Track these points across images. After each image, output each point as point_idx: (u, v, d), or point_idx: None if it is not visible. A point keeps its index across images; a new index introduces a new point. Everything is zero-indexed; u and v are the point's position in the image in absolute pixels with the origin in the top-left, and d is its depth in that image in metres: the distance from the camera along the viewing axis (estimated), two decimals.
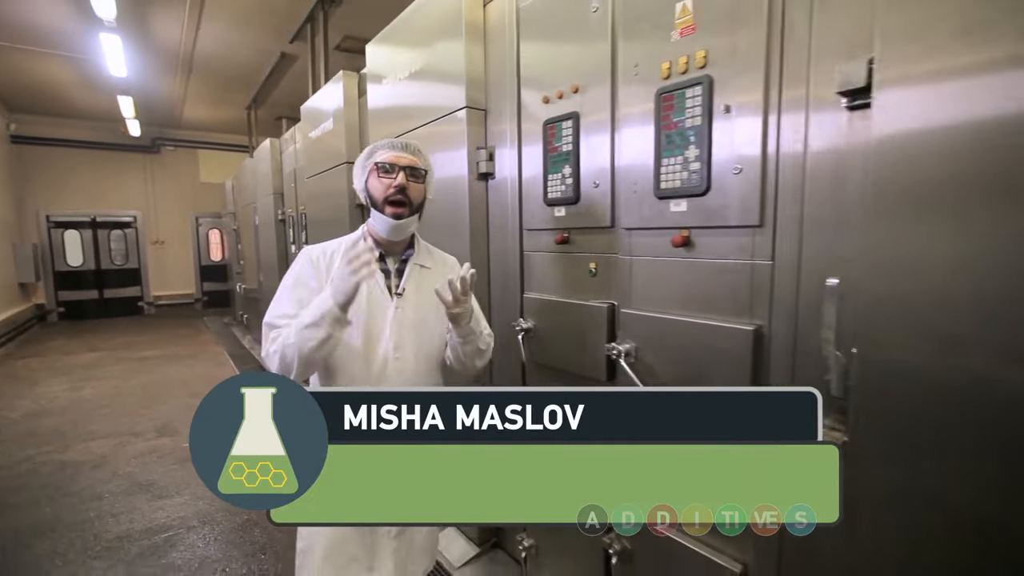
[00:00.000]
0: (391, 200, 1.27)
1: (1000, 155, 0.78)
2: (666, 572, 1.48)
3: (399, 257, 1.38)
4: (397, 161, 1.29)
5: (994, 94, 0.78)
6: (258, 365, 5.81)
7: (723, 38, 1.23)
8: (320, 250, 1.35)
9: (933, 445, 0.88)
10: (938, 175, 0.85)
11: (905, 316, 0.90)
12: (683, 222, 1.35)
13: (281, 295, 1.31)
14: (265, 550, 2.30)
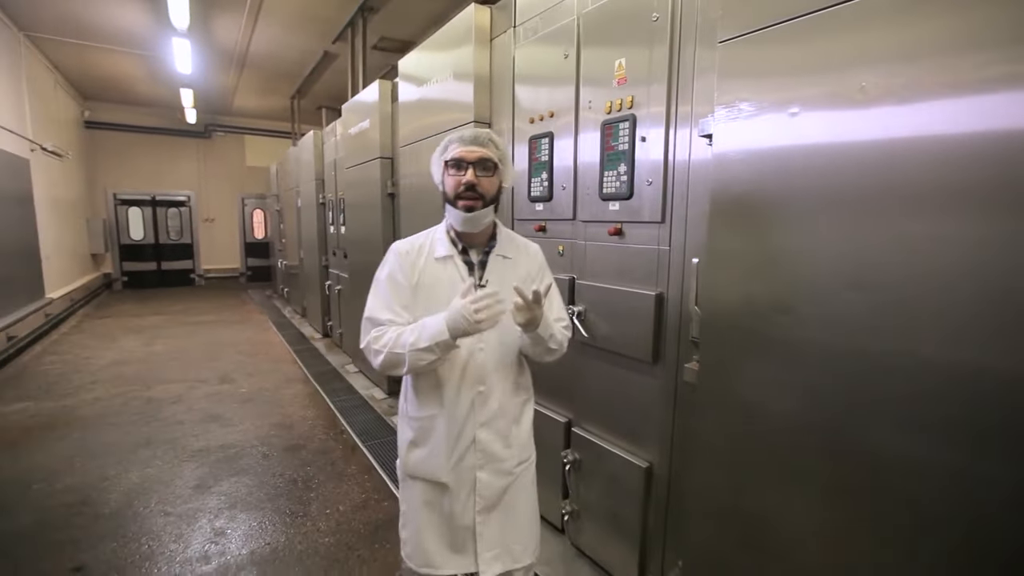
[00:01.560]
0: (463, 196, 1.29)
1: (790, 169, 1.29)
2: (600, 470, 2.04)
3: (482, 249, 1.39)
4: (466, 157, 1.29)
5: (778, 129, 1.28)
6: (297, 331, 6.57)
7: (643, 88, 1.74)
8: (408, 245, 1.39)
9: (739, 365, 1.41)
10: (746, 186, 1.36)
11: (727, 285, 1.42)
12: (617, 217, 1.89)
13: (377, 292, 1.35)
14: (310, 464, 2.97)
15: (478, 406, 1.35)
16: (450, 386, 1.33)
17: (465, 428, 1.34)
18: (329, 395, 4.15)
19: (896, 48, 1.05)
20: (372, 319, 1.33)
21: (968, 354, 0.98)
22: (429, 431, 1.36)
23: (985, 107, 0.94)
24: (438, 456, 1.35)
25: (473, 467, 1.36)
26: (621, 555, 1.99)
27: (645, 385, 1.85)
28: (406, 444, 1.41)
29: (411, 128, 3.31)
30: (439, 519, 1.38)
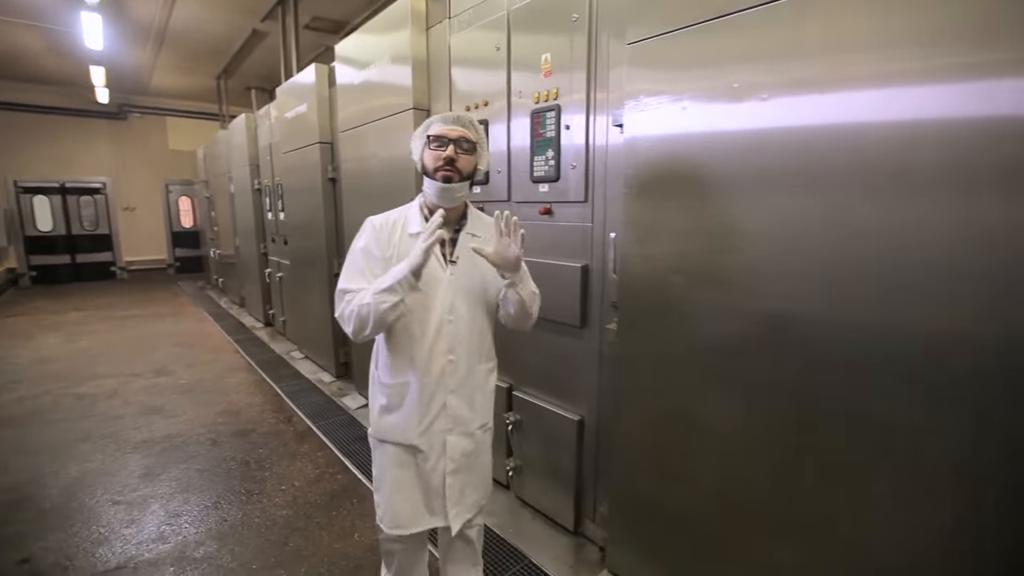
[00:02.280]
0: (442, 170, 1.35)
1: (681, 153, 1.52)
2: (539, 428, 2.27)
3: (453, 227, 1.46)
4: (448, 134, 1.37)
5: (673, 120, 1.51)
6: (236, 321, 6.39)
7: (566, 81, 1.93)
8: (382, 220, 1.45)
9: (647, 321, 1.65)
10: (649, 168, 1.59)
11: (637, 253, 1.65)
12: (547, 198, 2.09)
13: (351, 264, 1.42)
14: (261, 446, 3.02)
15: (448, 374, 1.43)
16: (422, 354, 1.40)
17: (436, 394, 1.42)
18: (276, 382, 4.15)
19: (758, 53, 1.29)
20: (345, 289, 1.38)
21: (807, 305, 1.26)
22: (402, 397, 1.43)
23: (820, 105, 1.20)
24: (410, 420, 1.42)
25: (443, 431, 1.44)
26: (559, 502, 2.23)
27: (575, 347, 2.09)
28: (378, 409, 1.48)
29: (351, 112, 3.34)
30: (410, 481, 1.46)
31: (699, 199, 1.46)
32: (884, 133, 1.11)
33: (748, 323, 1.39)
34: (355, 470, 2.72)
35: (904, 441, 1.14)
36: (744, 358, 1.41)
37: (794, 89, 1.24)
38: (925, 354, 1.09)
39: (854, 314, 1.19)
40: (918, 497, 1.14)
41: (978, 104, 1.00)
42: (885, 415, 1.16)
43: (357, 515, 2.33)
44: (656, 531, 1.73)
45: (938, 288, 1.07)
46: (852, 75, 1.15)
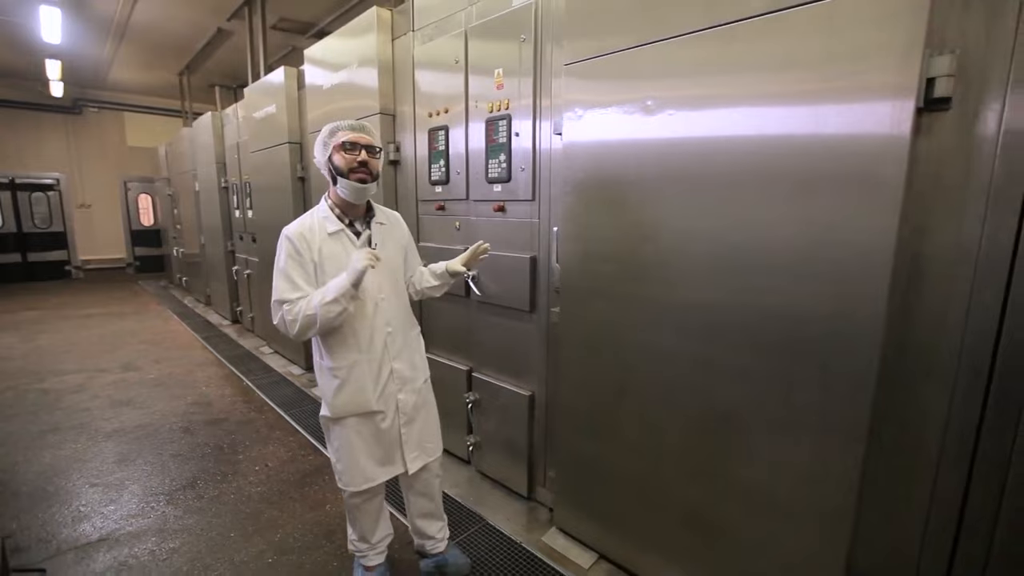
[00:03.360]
0: (356, 171, 1.54)
1: (611, 159, 1.79)
2: (495, 405, 2.52)
3: (363, 220, 1.68)
4: (359, 140, 1.56)
5: (601, 129, 1.78)
6: (202, 319, 6.40)
7: (515, 93, 2.18)
8: (299, 227, 1.58)
9: (583, 305, 1.92)
10: (582, 171, 1.85)
11: (575, 245, 1.92)
12: (500, 197, 2.34)
13: (281, 275, 1.54)
14: (234, 433, 3.15)
15: (389, 344, 1.68)
16: (364, 334, 1.62)
17: (383, 363, 1.66)
18: (246, 375, 4.26)
19: (666, 75, 1.57)
20: (281, 300, 1.53)
21: (703, 286, 1.55)
22: (352, 375, 1.62)
23: (711, 119, 1.49)
24: (365, 391, 1.63)
25: (394, 392, 1.70)
26: (515, 471, 2.48)
27: (526, 330, 2.34)
28: (333, 390, 1.63)
29: (320, 114, 3.50)
30: (370, 441, 1.68)
31: (622, 198, 1.73)
32: (753, 144, 1.40)
33: (661, 302, 1.67)
34: (327, 452, 2.89)
35: (777, 391, 1.44)
36: (658, 332, 1.69)
37: (692, 106, 1.52)
38: (783, 322, 1.39)
39: (737, 294, 1.48)
40: (787, 435, 1.43)
41: (818, 124, 1.29)
42: (765, 372, 1.46)
43: (329, 489, 2.52)
44: (594, 488, 2.00)
45: (793, 273, 1.36)
46: (733, 95, 1.43)
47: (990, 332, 1.20)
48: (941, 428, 1.30)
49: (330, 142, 1.59)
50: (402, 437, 1.73)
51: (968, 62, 1.17)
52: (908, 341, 1.31)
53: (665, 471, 1.75)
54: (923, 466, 1.34)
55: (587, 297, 1.90)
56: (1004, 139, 1.15)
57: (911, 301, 1.29)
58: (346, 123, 1.61)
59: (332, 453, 1.74)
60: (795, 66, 1.32)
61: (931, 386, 1.30)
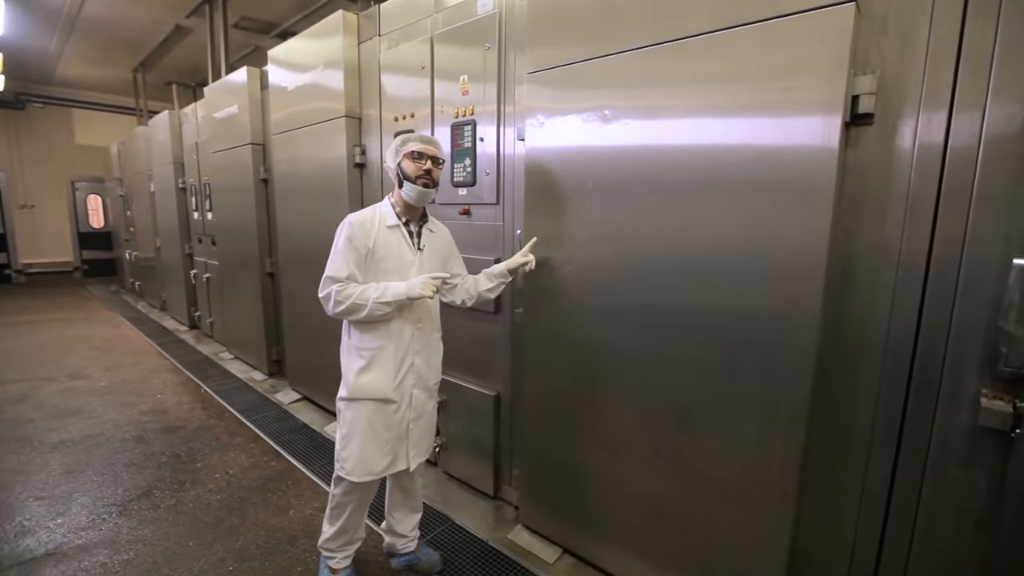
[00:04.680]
0: (422, 177, 1.71)
1: (571, 165, 1.86)
2: (462, 406, 2.54)
3: (418, 223, 1.82)
4: (426, 151, 1.73)
5: (559, 137, 1.84)
6: (157, 325, 6.16)
7: (480, 100, 2.23)
8: (362, 216, 1.72)
9: (545, 304, 1.98)
10: (543, 175, 1.91)
11: (540, 247, 1.97)
12: (465, 201, 2.38)
13: (337, 254, 1.68)
14: (192, 440, 3.06)
15: (416, 338, 1.76)
16: (396, 323, 1.72)
17: (406, 355, 1.74)
18: (205, 381, 4.13)
19: (622, 86, 1.65)
20: (334, 277, 1.67)
21: (656, 285, 1.63)
22: (378, 358, 1.72)
23: (662, 129, 1.57)
24: (387, 377, 1.72)
25: (411, 386, 1.77)
26: (481, 471, 2.51)
27: (491, 331, 2.38)
28: (356, 371, 1.72)
29: (284, 116, 3.46)
30: (380, 432, 1.73)
31: (582, 202, 1.80)
32: (700, 153, 1.50)
33: (618, 302, 1.75)
34: (290, 457, 2.86)
35: (727, 384, 1.53)
36: (616, 331, 1.77)
37: (646, 115, 1.61)
38: (729, 319, 1.48)
39: (688, 294, 1.57)
40: (737, 424, 1.53)
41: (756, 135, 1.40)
42: (716, 366, 1.54)
43: (292, 495, 2.49)
44: (558, 484, 2.05)
45: (741, 274, 1.46)
46: (683, 106, 1.52)
47: (911, 326, 1.32)
48: (871, 414, 1.41)
49: (402, 150, 1.75)
50: (410, 432, 1.80)
51: (887, 81, 1.29)
52: (840, 335, 1.42)
53: (625, 465, 1.82)
54: (856, 450, 1.45)
55: (548, 298, 1.96)
56: (919, 152, 1.27)
57: (842, 299, 1.40)
58: (417, 136, 1.78)
59: (339, 439, 1.78)
60: (735, 80, 1.42)
61: (861, 376, 1.41)
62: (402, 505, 1.99)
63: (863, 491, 1.45)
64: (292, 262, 3.61)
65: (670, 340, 1.64)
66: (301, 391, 3.79)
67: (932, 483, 1.34)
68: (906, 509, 1.39)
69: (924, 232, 1.28)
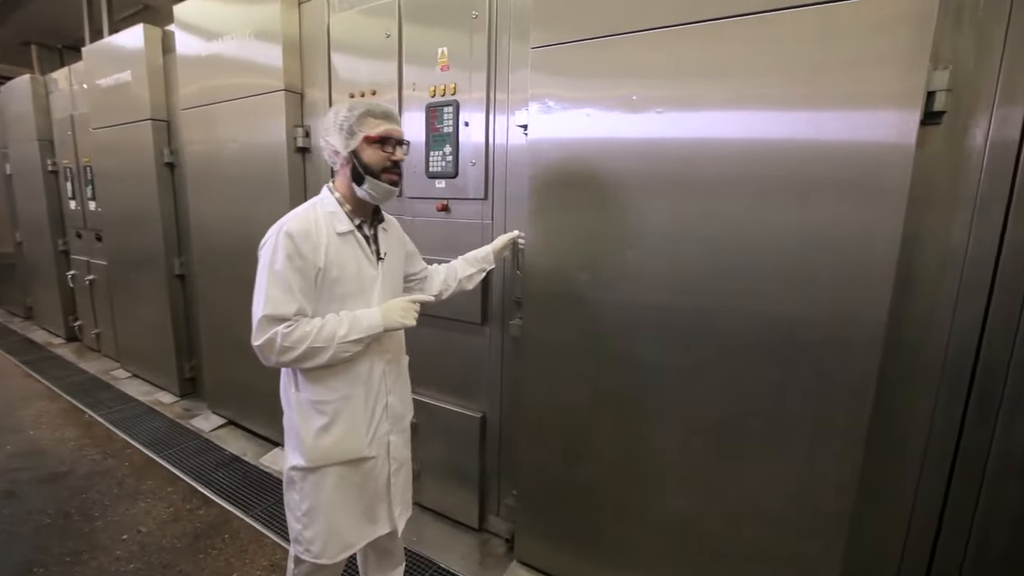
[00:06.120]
0: (390, 171, 1.30)
1: (585, 157, 1.61)
2: (437, 429, 2.23)
3: (371, 223, 1.41)
4: (393, 134, 1.30)
5: (575, 126, 1.59)
6: (22, 338, 5.05)
7: (464, 76, 1.92)
8: (303, 224, 1.25)
9: (554, 315, 1.73)
10: (555, 170, 1.65)
11: (544, 251, 1.72)
12: (444, 195, 2.05)
13: (276, 283, 1.21)
14: (84, 491, 2.44)
15: (387, 375, 1.41)
16: (364, 362, 1.34)
17: (379, 397, 1.39)
18: (94, 408, 3.38)
19: (655, 70, 1.44)
20: (275, 316, 1.20)
21: (691, 294, 1.45)
22: (345, 410, 1.32)
23: (704, 120, 1.38)
24: (358, 433, 1.33)
25: (386, 433, 1.42)
26: (462, 501, 2.22)
27: (476, 344, 2.09)
28: (315, 431, 1.30)
29: (198, 88, 2.86)
30: (353, 497, 1.37)
31: (601, 200, 1.57)
32: (745, 148, 1.33)
33: (643, 310, 1.55)
34: (221, 501, 2.36)
35: (770, 399, 1.38)
36: (641, 344, 1.57)
37: (681, 105, 1.41)
38: (777, 328, 1.34)
39: (726, 298, 1.40)
40: (781, 443, 1.39)
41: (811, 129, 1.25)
42: (757, 379, 1.39)
43: (232, 553, 2.03)
44: (564, 513, 1.83)
45: (789, 278, 1.32)
46: (726, 96, 1.34)
47: (973, 334, 1.25)
48: (926, 427, 1.34)
49: (358, 130, 1.29)
50: (391, 487, 1.45)
51: (959, 77, 1.20)
52: (897, 343, 1.33)
53: (649, 490, 1.64)
54: (909, 463, 1.37)
55: (559, 308, 1.71)
56: (990, 151, 1.19)
57: (901, 304, 1.31)
58: (379, 108, 1.32)
59: (297, 518, 1.37)
60: (791, 69, 1.26)
61: (917, 387, 1.34)
62: (382, 566, 1.65)
63: (914, 506, 1.38)
64: (210, 262, 3.02)
65: (705, 352, 1.46)
66: (225, 414, 3.22)
67: (989, 495, 1.29)
68: (960, 522, 1.33)
69: (993, 235, 1.21)
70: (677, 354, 1.51)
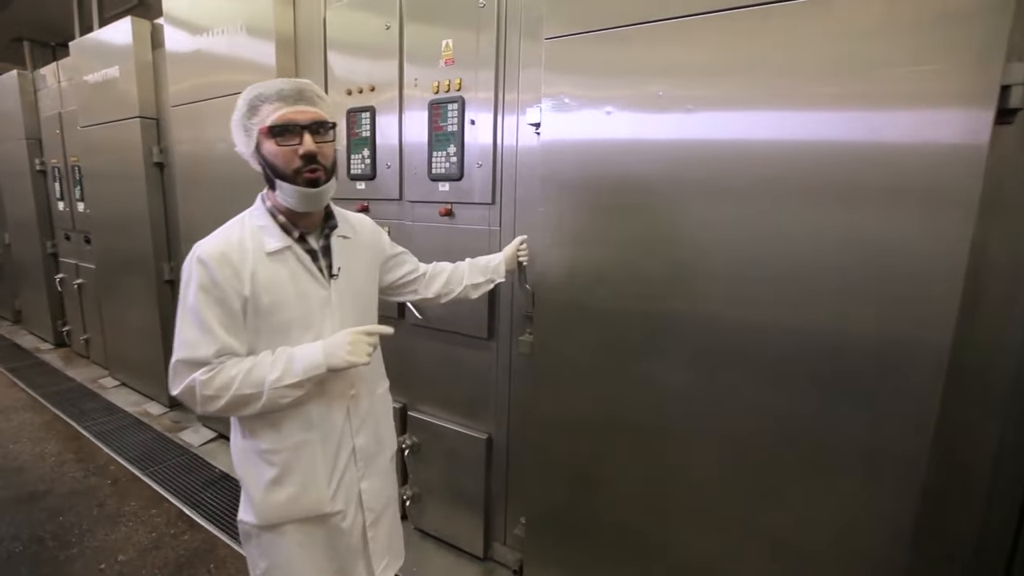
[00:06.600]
0: (303, 171, 1.04)
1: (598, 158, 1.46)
2: (440, 450, 2.08)
3: (320, 231, 1.17)
4: (297, 119, 1.03)
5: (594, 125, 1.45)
6: (9, 343, 4.90)
7: (471, 72, 1.77)
8: (221, 247, 1.05)
9: (567, 331, 1.58)
10: (571, 173, 1.50)
11: (556, 261, 1.57)
12: (447, 198, 1.91)
13: (189, 321, 1.03)
14: (62, 513, 2.29)
15: (352, 413, 1.19)
16: (319, 401, 1.12)
17: (343, 442, 1.17)
18: (78, 420, 3.23)
19: (684, 67, 1.29)
20: (190, 360, 1.02)
21: (724, 308, 1.30)
22: (299, 461, 1.11)
23: (741, 121, 1.24)
24: (317, 486, 1.13)
25: (356, 480, 1.21)
26: (466, 526, 2.07)
27: (481, 361, 1.94)
28: (264, 485, 1.11)
29: (189, 85, 2.71)
30: (321, 557, 1.19)
31: (622, 205, 1.42)
32: (786, 150, 1.18)
33: (668, 328, 1.40)
34: (208, 525, 2.21)
35: (812, 429, 1.24)
36: (665, 364, 1.42)
37: (713, 104, 1.26)
38: (821, 349, 1.19)
39: (763, 314, 1.25)
40: (824, 479, 1.24)
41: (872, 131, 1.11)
42: (795, 406, 1.24)
43: None
44: (579, 545, 1.68)
45: (832, 293, 1.17)
46: (765, 93, 1.20)
47: None
48: (992, 458, 1.19)
49: (254, 123, 1.05)
50: (368, 543, 1.24)
51: None
52: (959, 364, 1.18)
53: (672, 523, 1.49)
54: (972, 500, 1.23)
55: (572, 322, 1.56)
56: None
57: (965, 323, 1.16)
58: (273, 87, 1.04)
59: (261, 573, 1.19)
60: (846, 65, 1.11)
61: (980, 413, 1.19)
62: None
63: (978, 553, 1.23)
64: None
65: (737, 373, 1.31)
66: (215, 427, 3.07)
67: None
68: None
69: None
70: (705, 375, 1.36)
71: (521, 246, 1.69)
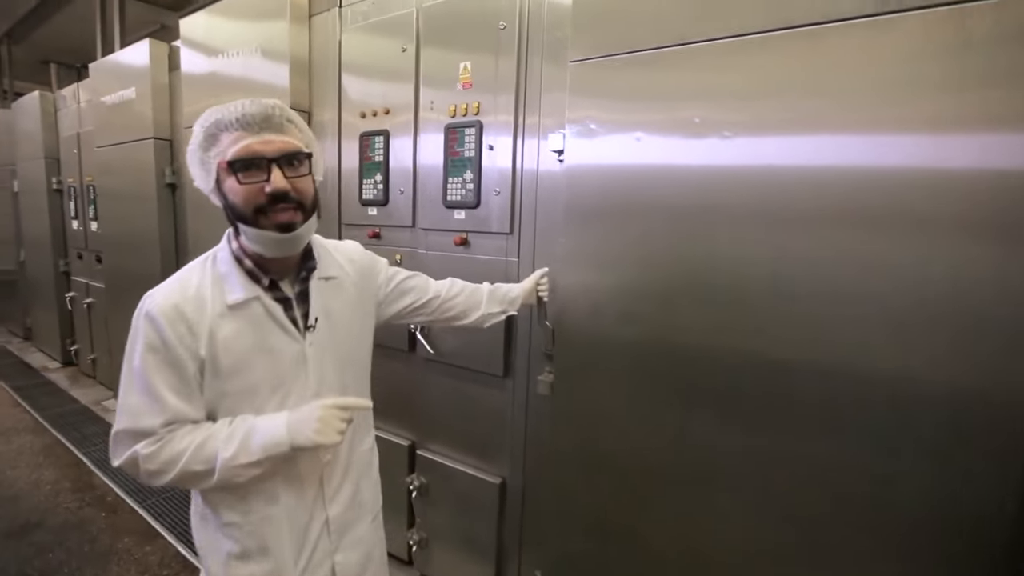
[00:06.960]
0: (269, 212, 0.89)
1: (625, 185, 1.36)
2: (450, 492, 1.94)
3: (297, 275, 1.02)
4: (262, 151, 0.88)
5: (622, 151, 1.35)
6: (17, 360, 4.87)
7: (489, 96, 1.69)
8: (174, 299, 0.91)
9: (590, 372, 1.46)
10: (597, 201, 1.40)
11: (578, 295, 1.45)
12: (463, 227, 1.81)
13: (135, 386, 0.89)
14: (52, 549, 2.18)
15: (326, 481, 1.04)
16: (287, 472, 0.98)
17: (314, 514, 1.03)
18: (79, 445, 3.14)
19: (721, 89, 1.19)
20: (133, 431, 0.88)
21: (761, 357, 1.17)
22: (263, 536, 0.97)
23: (783, 146, 1.13)
24: (284, 565, 0.98)
25: (328, 553, 1.06)
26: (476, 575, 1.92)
27: (496, 400, 1.82)
28: (224, 560, 0.97)
29: (203, 106, 2.62)
30: None
31: (652, 237, 1.31)
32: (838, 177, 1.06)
33: (703, 374, 1.27)
34: None
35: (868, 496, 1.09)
36: (699, 414, 1.28)
37: (761, 129, 1.16)
38: (877, 402, 1.05)
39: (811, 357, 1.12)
40: (889, 553, 1.09)
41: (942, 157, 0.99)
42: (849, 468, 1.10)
43: None
44: None
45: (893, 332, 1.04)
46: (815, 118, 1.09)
47: None
48: None
49: (211, 157, 0.92)
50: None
51: None
52: None
53: None
54: None
55: (597, 362, 1.44)
56: None
57: None
58: (235, 110, 0.90)
59: None
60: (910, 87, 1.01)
61: None
62: None
63: None
64: None
65: (789, 431, 1.17)
66: None
67: None
68: None
69: None
70: (745, 427, 1.23)
71: (541, 280, 1.57)
